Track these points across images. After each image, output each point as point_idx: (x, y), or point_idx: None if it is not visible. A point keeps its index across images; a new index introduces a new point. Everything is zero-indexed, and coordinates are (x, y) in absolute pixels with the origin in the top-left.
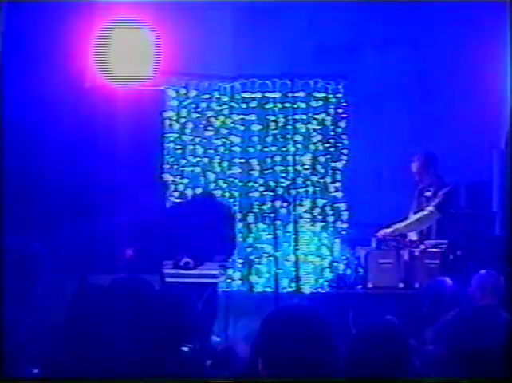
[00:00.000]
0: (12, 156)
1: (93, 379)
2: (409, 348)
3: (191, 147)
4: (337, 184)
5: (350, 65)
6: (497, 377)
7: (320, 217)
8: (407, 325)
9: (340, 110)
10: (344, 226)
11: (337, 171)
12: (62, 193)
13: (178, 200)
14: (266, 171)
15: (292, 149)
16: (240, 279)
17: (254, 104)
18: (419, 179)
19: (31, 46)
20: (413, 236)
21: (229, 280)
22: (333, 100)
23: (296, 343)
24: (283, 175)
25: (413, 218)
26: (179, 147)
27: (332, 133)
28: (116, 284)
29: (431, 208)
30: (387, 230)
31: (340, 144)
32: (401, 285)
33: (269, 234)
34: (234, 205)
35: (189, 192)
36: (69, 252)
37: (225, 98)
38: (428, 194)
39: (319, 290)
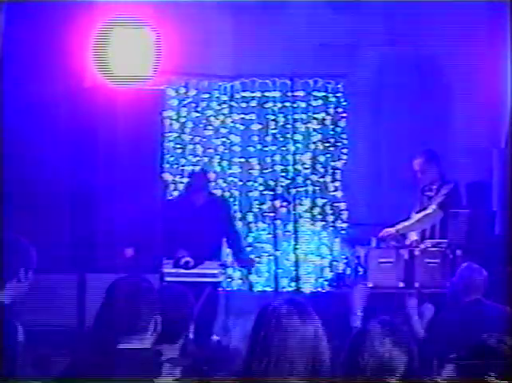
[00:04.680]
0: (11, 156)
1: (94, 379)
2: (409, 347)
3: (191, 146)
4: (337, 184)
5: (350, 65)
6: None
7: (320, 216)
8: (407, 324)
9: (340, 109)
10: (344, 225)
11: (337, 171)
12: (61, 193)
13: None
14: (266, 171)
15: (292, 148)
16: (240, 279)
17: (253, 103)
18: (421, 177)
19: (31, 46)
20: (414, 235)
21: (229, 279)
22: (333, 99)
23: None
24: (283, 174)
25: (416, 217)
26: (178, 146)
27: (331, 133)
28: (117, 283)
29: (433, 207)
30: (390, 230)
31: (339, 144)
32: (401, 284)
33: (269, 234)
34: (234, 204)
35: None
36: (69, 252)
37: (225, 97)
38: (431, 193)
39: (319, 289)
